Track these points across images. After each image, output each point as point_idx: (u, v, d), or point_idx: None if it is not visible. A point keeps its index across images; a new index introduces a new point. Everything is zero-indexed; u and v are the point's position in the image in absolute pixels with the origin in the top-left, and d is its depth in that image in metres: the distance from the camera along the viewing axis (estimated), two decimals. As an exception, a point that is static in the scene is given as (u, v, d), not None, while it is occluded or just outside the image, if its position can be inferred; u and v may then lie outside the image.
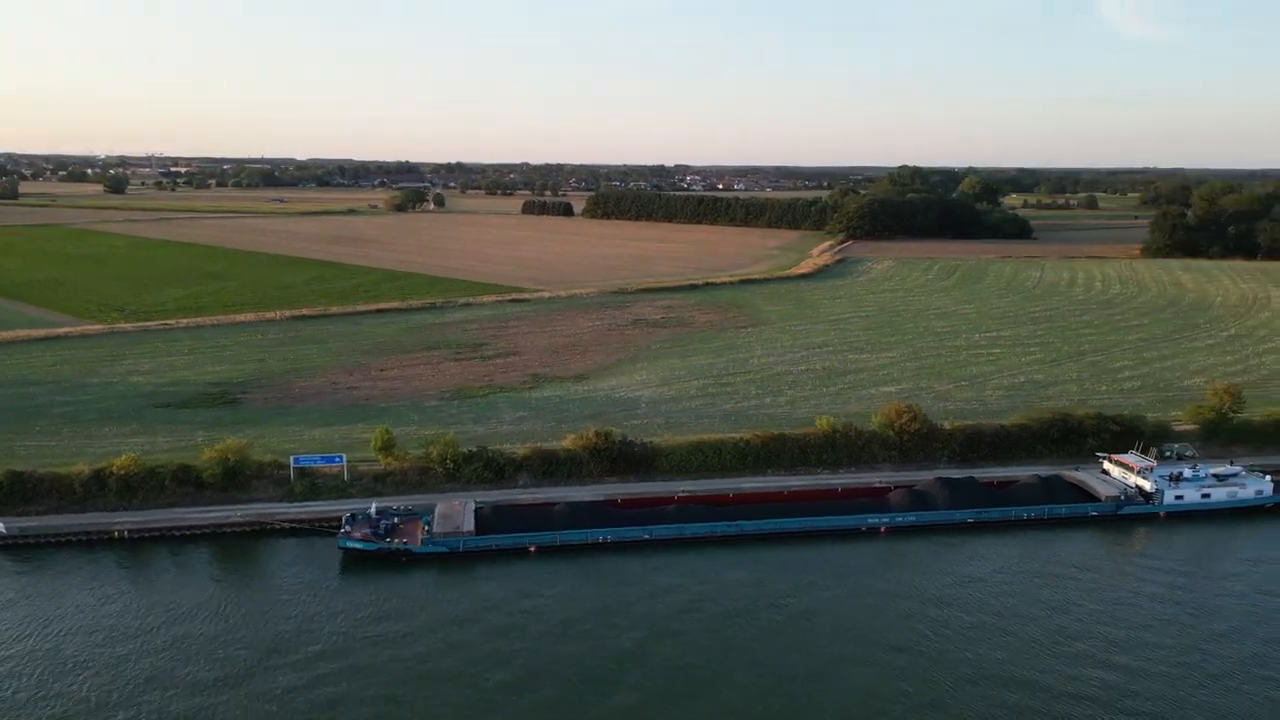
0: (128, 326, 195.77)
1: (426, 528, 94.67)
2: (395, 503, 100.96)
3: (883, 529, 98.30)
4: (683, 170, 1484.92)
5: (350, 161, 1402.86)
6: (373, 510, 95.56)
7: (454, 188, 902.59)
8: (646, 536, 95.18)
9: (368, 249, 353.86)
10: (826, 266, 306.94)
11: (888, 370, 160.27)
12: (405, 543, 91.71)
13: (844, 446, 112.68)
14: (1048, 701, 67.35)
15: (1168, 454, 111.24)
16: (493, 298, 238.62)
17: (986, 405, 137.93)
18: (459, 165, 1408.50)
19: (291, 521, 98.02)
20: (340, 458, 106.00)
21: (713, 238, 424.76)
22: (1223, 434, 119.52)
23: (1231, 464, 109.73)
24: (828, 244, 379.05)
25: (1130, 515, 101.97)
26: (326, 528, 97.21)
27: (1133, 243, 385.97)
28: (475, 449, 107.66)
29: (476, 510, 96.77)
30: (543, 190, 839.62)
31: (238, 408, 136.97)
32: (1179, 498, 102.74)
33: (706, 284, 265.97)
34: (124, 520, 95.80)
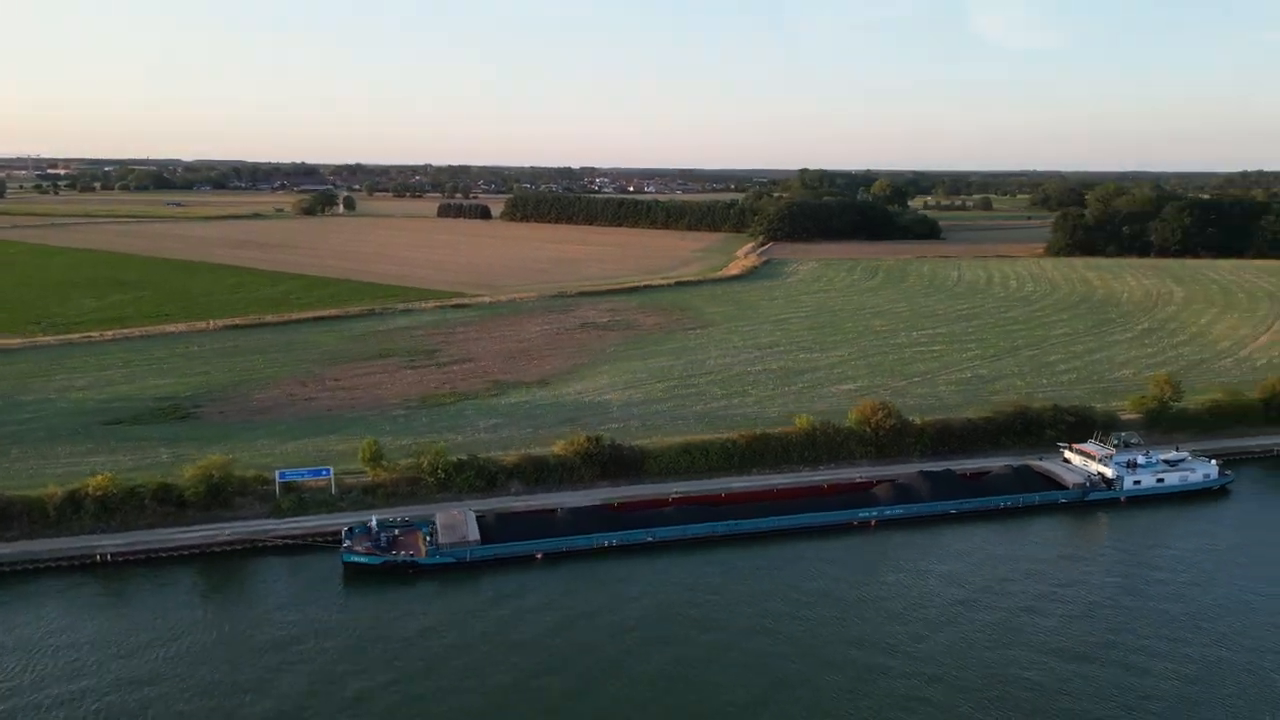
0: (49, 339, 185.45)
1: (427, 539, 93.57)
2: (386, 515, 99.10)
3: (873, 522, 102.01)
4: (590, 172, 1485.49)
5: (243, 163, 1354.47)
6: (373, 523, 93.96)
7: (359, 190, 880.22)
8: (650, 539, 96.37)
9: (285, 254, 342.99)
10: (755, 268, 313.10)
11: (841, 369, 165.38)
12: (411, 555, 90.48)
13: (824, 444, 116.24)
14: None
15: (1116, 442, 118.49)
16: (433, 303, 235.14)
17: (942, 400, 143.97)
18: (360, 167, 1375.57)
19: (284, 538, 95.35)
20: (328, 470, 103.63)
21: (636, 240, 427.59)
22: (1164, 421, 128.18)
23: (1177, 449, 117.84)
24: (750, 246, 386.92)
25: (1095, 501, 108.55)
26: (321, 543, 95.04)
27: (1033, 242, 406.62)
28: (465, 457, 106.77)
29: (479, 519, 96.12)
30: (453, 193, 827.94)
31: (195, 423, 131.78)
32: (1137, 483, 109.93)
33: (644, 286, 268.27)
34: (106, 543, 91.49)
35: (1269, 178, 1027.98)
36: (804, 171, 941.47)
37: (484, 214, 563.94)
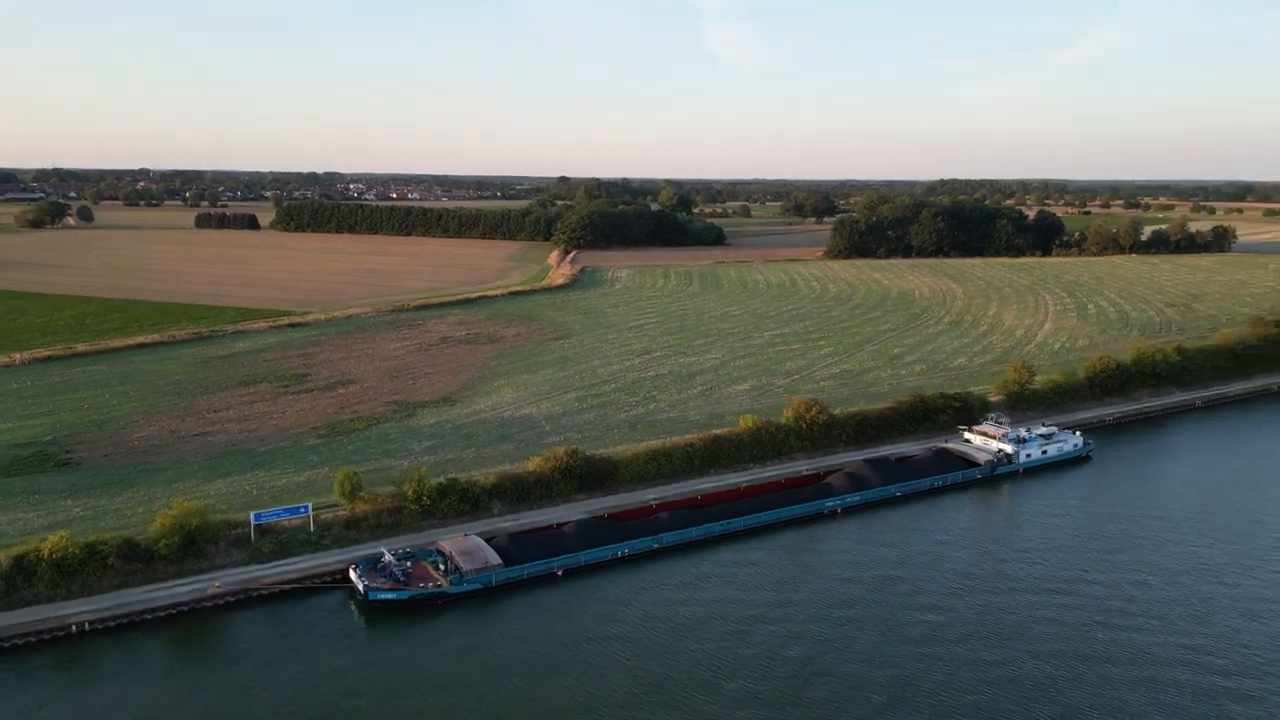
0: None
1: (440, 567, 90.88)
2: (380, 548, 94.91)
3: (839, 510, 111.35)
4: (337, 177, 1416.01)
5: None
6: (388, 556, 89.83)
7: (76, 198, 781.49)
8: (656, 545, 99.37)
9: (51, 275, 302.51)
10: (576, 277, 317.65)
11: (724, 370, 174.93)
12: (437, 585, 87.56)
13: (768, 442, 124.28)
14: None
15: (994, 421, 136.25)
16: (264, 323, 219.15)
17: (829, 394, 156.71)
18: (67, 172, 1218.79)
19: (278, 584, 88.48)
20: (306, 508, 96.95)
21: (438, 249, 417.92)
22: (1022, 402, 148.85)
23: (1044, 424, 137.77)
24: (557, 254, 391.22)
25: (1001, 474, 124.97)
26: (323, 584, 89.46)
27: (807, 246, 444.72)
28: (446, 481, 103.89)
29: (492, 542, 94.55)
30: (198, 201, 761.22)
31: (83, 470, 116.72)
32: (1028, 456, 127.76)
33: (480, 297, 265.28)
34: (78, 611, 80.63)
35: (960, 185, 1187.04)
36: (562, 179, 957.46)
37: (251, 224, 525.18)
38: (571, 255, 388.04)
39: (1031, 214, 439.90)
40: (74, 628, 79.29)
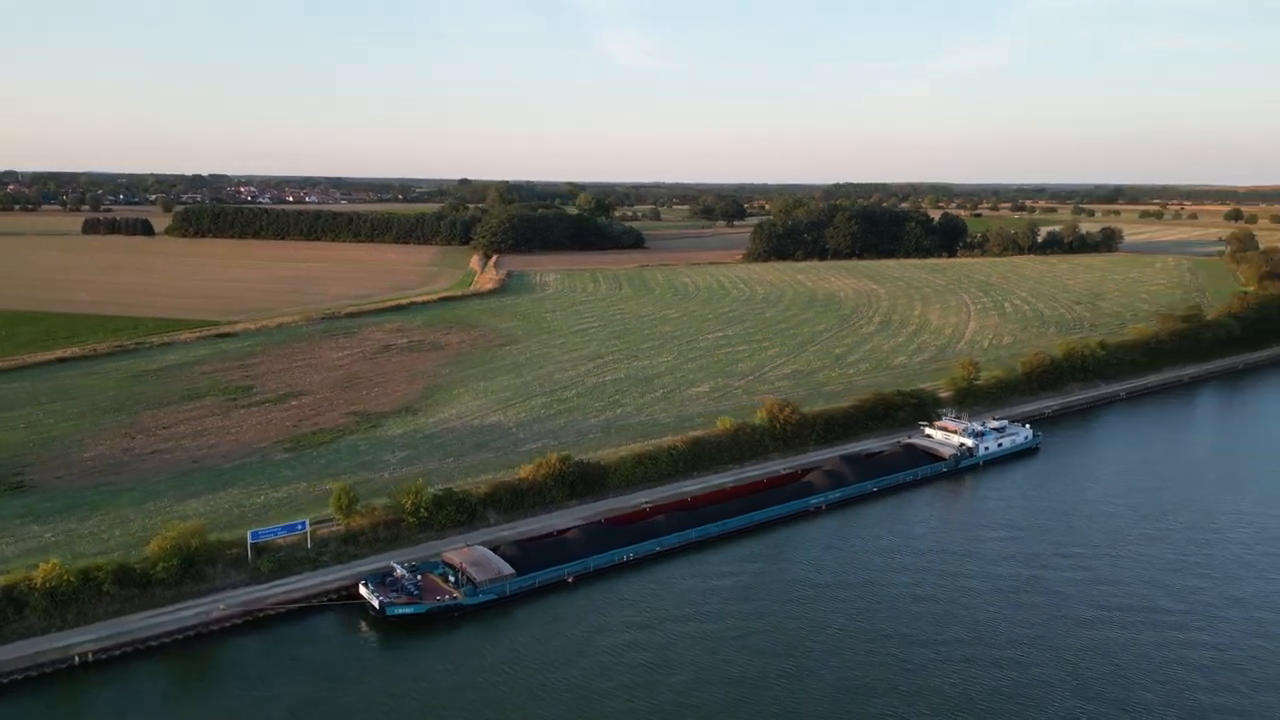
0: None
1: (450, 579, 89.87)
2: (373, 562, 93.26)
3: (824, 507, 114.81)
4: (225, 180, 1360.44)
5: None
6: (400, 570, 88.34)
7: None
8: (658, 549, 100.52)
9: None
10: (505, 282, 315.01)
11: (680, 373, 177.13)
12: (452, 598, 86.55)
13: (746, 442, 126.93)
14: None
15: (950, 416, 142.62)
16: (191, 334, 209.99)
17: (786, 394, 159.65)
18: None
19: (284, 604, 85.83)
20: (303, 524, 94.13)
21: (353, 255, 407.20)
22: (969, 397, 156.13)
23: (995, 419, 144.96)
24: (477, 258, 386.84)
25: (964, 468, 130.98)
26: (331, 602, 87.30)
27: (724, 249, 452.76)
28: (441, 492, 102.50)
29: (497, 551, 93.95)
30: (79, 205, 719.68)
31: (39, 493, 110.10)
32: (986, 449, 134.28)
33: (411, 304, 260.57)
34: (78, 642, 76.53)
35: (856, 189, 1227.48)
36: (464, 181, 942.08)
37: (145, 229, 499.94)
38: (494, 260, 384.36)
39: (936, 217, 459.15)
40: (76, 659, 75.15)
